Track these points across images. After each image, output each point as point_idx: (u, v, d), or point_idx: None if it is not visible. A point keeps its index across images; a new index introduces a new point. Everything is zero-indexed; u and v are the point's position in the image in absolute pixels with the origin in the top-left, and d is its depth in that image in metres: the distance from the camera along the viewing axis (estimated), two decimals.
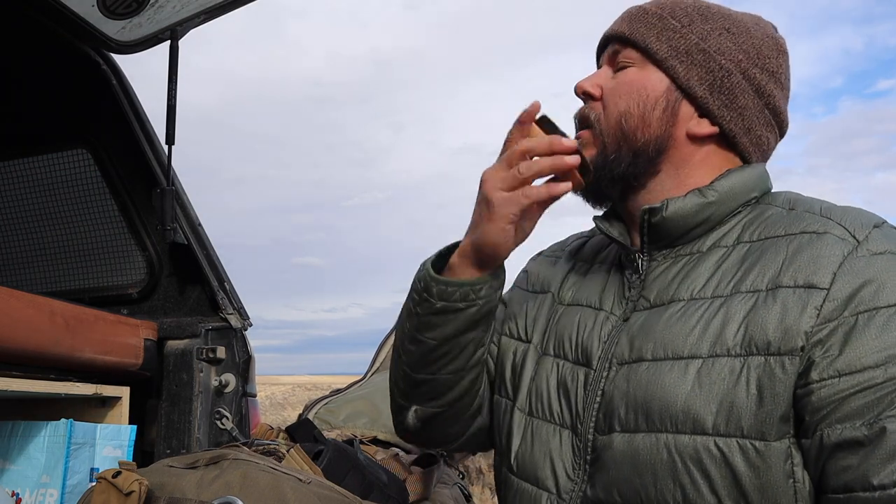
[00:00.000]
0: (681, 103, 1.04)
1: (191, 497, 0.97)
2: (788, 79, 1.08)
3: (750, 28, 1.06)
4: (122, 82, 2.16)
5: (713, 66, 1.03)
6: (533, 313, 1.17)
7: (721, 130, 1.04)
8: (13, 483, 1.56)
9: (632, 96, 1.04)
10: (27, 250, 2.30)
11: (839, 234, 0.91)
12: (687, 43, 1.04)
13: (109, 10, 1.98)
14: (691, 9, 1.07)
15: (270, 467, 1.02)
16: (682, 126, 1.04)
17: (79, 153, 2.21)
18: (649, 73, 1.05)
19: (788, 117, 1.09)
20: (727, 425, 0.87)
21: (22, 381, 1.53)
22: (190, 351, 1.95)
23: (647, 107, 1.04)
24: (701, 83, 1.03)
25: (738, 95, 1.03)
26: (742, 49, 1.04)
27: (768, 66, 1.05)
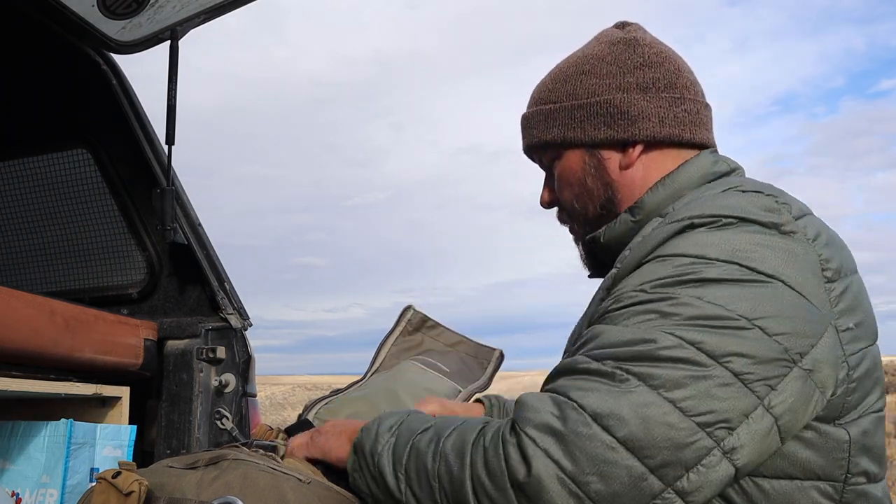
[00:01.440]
0: (600, 155, 1.15)
1: (190, 497, 0.97)
2: (657, 53, 1.15)
3: (598, 52, 1.16)
4: (122, 82, 2.16)
5: (595, 109, 1.13)
6: None
7: (643, 143, 1.12)
8: (13, 483, 1.56)
9: (569, 184, 1.18)
10: (27, 250, 2.30)
11: (662, 213, 1.06)
12: (565, 112, 1.15)
13: (109, 10, 1.98)
14: (550, 83, 1.19)
15: (270, 467, 1.02)
16: (613, 167, 1.15)
17: (79, 153, 2.21)
18: (566, 157, 1.18)
19: (687, 77, 1.14)
20: None
21: (22, 381, 1.53)
22: (190, 351, 1.95)
23: (581, 182, 1.17)
24: (598, 129, 1.13)
25: (630, 109, 1.12)
26: (603, 74, 1.14)
27: (632, 64, 1.13)
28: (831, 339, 0.89)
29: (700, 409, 0.82)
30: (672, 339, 0.85)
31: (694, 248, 0.91)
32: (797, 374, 0.86)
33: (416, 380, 1.71)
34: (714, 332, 0.84)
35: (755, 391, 0.84)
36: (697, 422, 0.82)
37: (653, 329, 0.87)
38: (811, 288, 0.89)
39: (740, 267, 0.88)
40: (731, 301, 0.86)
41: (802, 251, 0.91)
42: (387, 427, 1.00)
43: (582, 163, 1.16)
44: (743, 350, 0.84)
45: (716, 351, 0.84)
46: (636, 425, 0.81)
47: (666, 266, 0.91)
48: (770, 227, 0.92)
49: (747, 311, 0.85)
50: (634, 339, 0.87)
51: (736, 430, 0.83)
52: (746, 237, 0.90)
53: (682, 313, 0.86)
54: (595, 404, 0.83)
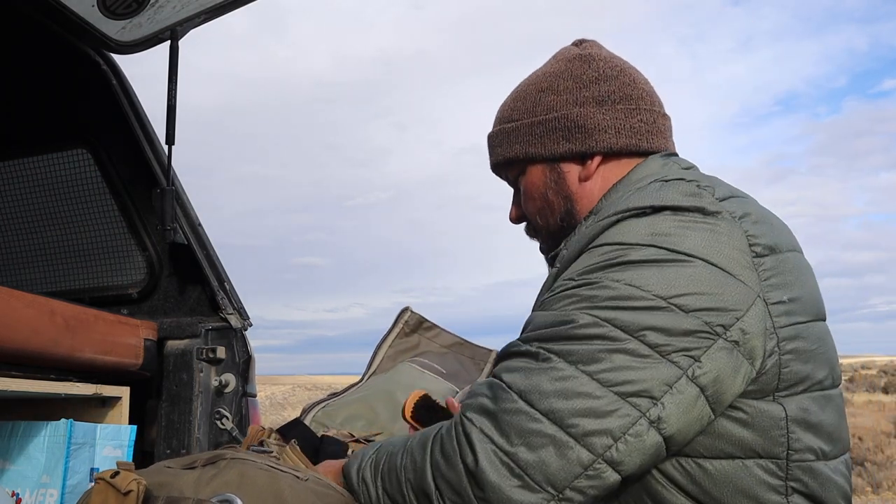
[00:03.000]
0: (560, 168, 1.19)
1: (189, 496, 0.97)
2: (612, 67, 1.18)
3: (554, 70, 1.20)
4: (122, 82, 2.16)
5: (553, 125, 1.17)
6: None
7: (601, 154, 1.16)
8: (13, 483, 1.56)
9: (533, 198, 1.23)
10: (27, 250, 2.30)
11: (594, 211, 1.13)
12: (526, 128, 1.19)
13: (109, 10, 1.98)
14: (511, 102, 1.24)
15: (268, 465, 1.02)
16: (573, 180, 1.19)
17: (79, 153, 2.21)
18: (529, 172, 1.22)
19: (642, 88, 1.18)
20: None
21: (22, 381, 1.53)
22: (190, 351, 1.95)
23: (543, 195, 1.21)
24: (556, 143, 1.17)
25: (586, 122, 1.15)
26: (560, 90, 1.17)
27: (588, 78, 1.17)
28: (759, 310, 0.93)
29: (617, 380, 0.88)
30: (588, 317, 0.91)
31: (617, 235, 0.97)
32: (721, 345, 0.90)
33: (412, 382, 1.71)
34: (627, 310, 0.90)
35: (675, 362, 0.89)
36: (616, 391, 0.88)
37: (572, 310, 0.93)
38: (736, 263, 0.93)
39: (659, 249, 0.93)
40: (648, 282, 0.91)
41: (727, 228, 0.95)
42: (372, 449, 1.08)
43: (544, 177, 1.20)
44: (657, 324, 0.89)
45: (629, 326, 0.90)
46: (556, 397, 0.88)
47: (593, 255, 0.98)
48: (692, 210, 0.96)
49: (662, 291, 0.90)
50: (556, 320, 0.94)
51: (660, 400, 0.88)
52: (668, 221, 0.95)
53: (600, 294, 0.92)
54: (520, 382, 0.92)
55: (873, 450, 11.56)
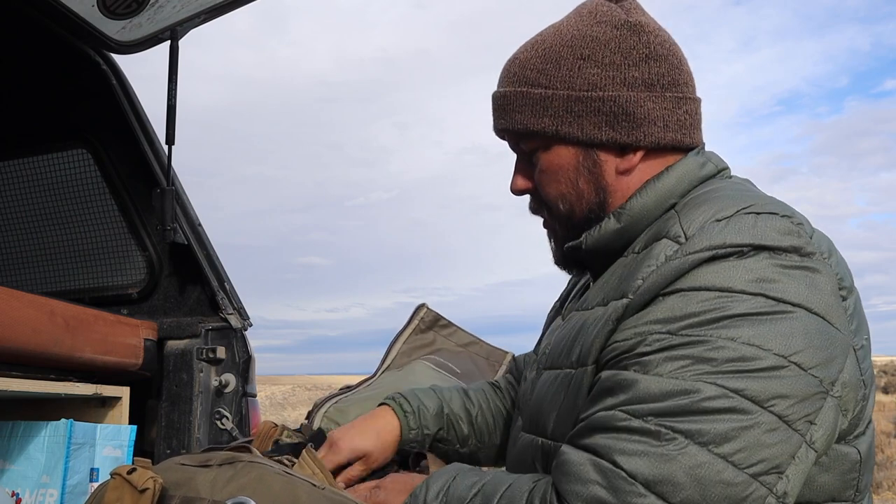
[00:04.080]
0: (597, 156, 1.03)
1: (205, 496, 0.97)
2: (662, 43, 1.03)
3: (597, 35, 1.01)
4: (122, 82, 2.16)
5: (597, 105, 1.00)
6: (547, 322, 1.28)
7: (645, 149, 1.02)
8: (13, 483, 1.56)
9: (556, 181, 1.06)
10: (27, 250, 2.30)
11: (673, 234, 0.92)
12: (561, 102, 1.01)
13: (109, 10, 1.98)
14: (538, 62, 1.03)
15: (285, 471, 1.02)
16: (610, 171, 1.03)
17: (79, 153, 2.21)
18: (555, 150, 1.04)
19: (687, 71, 1.05)
20: (558, 432, 0.97)
21: (22, 381, 1.53)
22: (190, 351, 1.95)
23: (571, 181, 1.04)
24: (598, 128, 1.01)
25: (635, 110, 1.00)
26: (606, 65, 1.00)
27: (638, 56, 1.01)
28: (852, 360, 0.88)
29: (752, 461, 0.79)
30: (714, 388, 0.80)
31: (717, 279, 0.85)
32: (830, 403, 0.85)
33: (426, 380, 1.70)
34: (754, 376, 0.81)
35: (798, 430, 0.82)
36: (750, 473, 0.79)
37: (691, 379, 0.82)
38: (833, 311, 0.87)
39: (766, 298, 0.84)
40: (765, 339, 0.82)
41: (823, 273, 0.88)
42: (434, 494, 0.96)
43: (575, 161, 1.04)
44: (784, 391, 0.81)
45: (759, 396, 0.80)
46: (692, 488, 0.78)
47: (690, 302, 0.85)
48: (790, 251, 0.87)
49: (781, 349, 0.82)
50: (674, 390, 0.81)
51: (785, 473, 0.81)
52: (769, 265, 0.86)
53: (719, 357, 0.82)
54: (645, 470, 0.79)
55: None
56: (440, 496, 0.96)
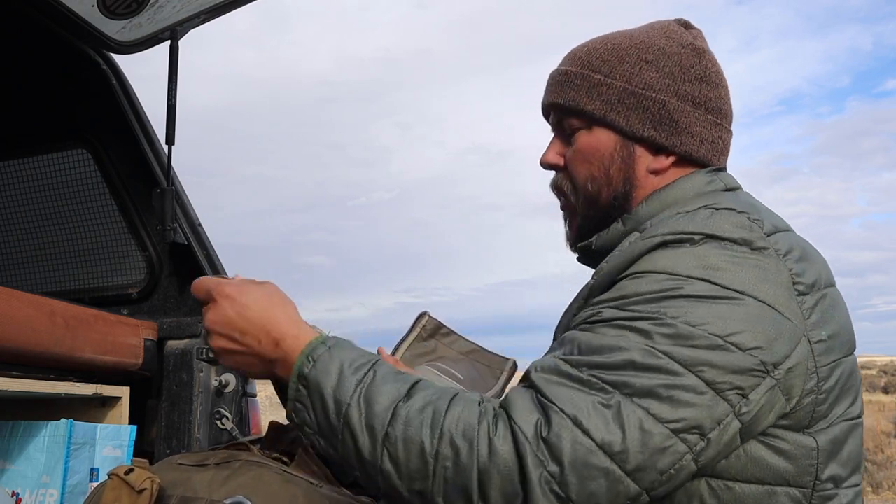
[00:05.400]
0: (633, 149, 1.12)
1: (202, 496, 0.97)
2: (717, 73, 1.14)
3: (663, 47, 1.12)
4: (122, 82, 2.16)
5: (647, 104, 1.10)
6: None
7: (677, 156, 1.11)
8: (13, 483, 1.56)
9: (589, 161, 1.13)
10: (27, 250, 2.30)
11: (640, 229, 1.05)
12: (616, 92, 1.10)
13: (109, 10, 1.98)
14: (605, 53, 1.13)
15: (283, 470, 1.02)
16: (642, 167, 1.12)
17: (79, 153, 2.21)
18: (596, 133, 1.13)
19: (730, 105, 1.15)
20: None
21: (22, 381, 1.53)
22: (190, 351, 1.95)
23: (604, 166, 1.12)
24: (643, 124, 1.10)
25: (680, 119, 1.10)
26: (665, 73, 1.10)
27: (694, 75, 1.11)
28: (804, 349, 0.93)
29: (673, 417, 0.86)
30: (646, 349, 0.88)
31: (668, 264, 0.94)
32: (769, 383, 0.90)
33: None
34: (686, 346, 0.88)
35: (728, 399, 0.88)
36: (671, 428, 0.85)
37: (631, 340, 0.89)
38: (783, 301, 0.93)
39: (711, 284, 0.91)
40: (703, 320, 0.89)
41: (773, 266, 0.94)
42: (352, 370, 0.92)
43: (612, 148, 1.12)
44: (715, 361, 0.87)
45: (687, 361, 0.87)
46: (614, 432, 0.85)
47: (641, 283, 0.94)
48: (741, 243, 0.94)
49: (718, 330, 0.89)
50: (607, 346, 0.90)
51: (707, 436, 0.87)
52: (718, 254, 0.93)
53: (655, 331, 0.89)
54: (574, 410, 0.86)
55: (873, 450, 11.55)
56: (363, 379, 0.92)
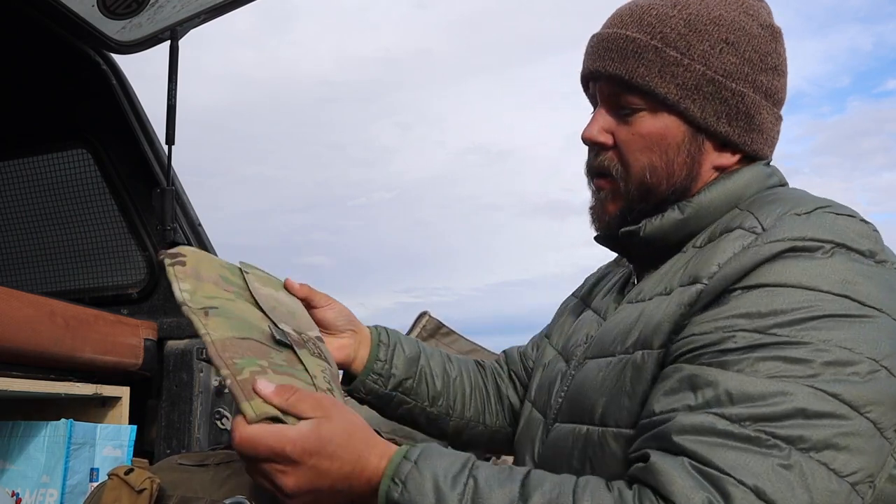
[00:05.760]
0: (701, 142, 0.99)
1: (202, 496, 0.97)
2: (785, 61, 1.03)
3: (744, 26, 0.98)
4: (122, 82, 2.16)
5: (726, 95, 0.97)
6: (563, 316, 1.24)
7: (742, 155, 1.00)
8: (13, 483, 1.56)
9: (651, 149, 0.99)
10: (27, 250, 2.30)
11: (748, 226, 0.90)
12: (694, 77, 0.96)
13: (109, 10, 1.98)
14: (681, 25, 0.97)
15: None
16: (708, 163, 1.00)
17: (79, 153, 2.21)
18: (662, 119, 0.98)
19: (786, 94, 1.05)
20: (609, 417, 0.92)
21: (22, 381, 1.53)
22: (190, 351, 1.95)
23: (669, 157, 0.99)
24: (718, 118, 0.98)
25: (755, 115, 0.99)
26: (745, 59, 0.98)
27: (770, 63, 1.00)
28: None
29: (851, 468, 0.76)
30: (812, 392, 0.77)
31: (803, 277, 0.82)
32: None
33: None
34: (850, 381, 0.78)
35: (888, 438, 0.79)
36: (850, 481, 0.76)
37: (788, 381, 0.77)
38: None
39: (851, 301, 0.81)
40: (856, 342, 0.79)
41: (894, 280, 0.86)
42: (449, 484, 0.79)
43: (681, 138, 0.98)
44: (878, 397, 0.78)
45: (856, 401, 0.77)
46: (801, 496, 0.73)
47: (776, 299, 0.82)
48: (868, 255, 0.85)
49: (873, 352, 0.79)
50: (769, 392, 0.77)
51: (874, 483, 0.79)
52: (851, 267, 0.83)
53: (815, 360, 0.78)
54: (753, 478, 0.73)
55: None
56: (464, 492, 0.79)
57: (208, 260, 1.02)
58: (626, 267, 1.17)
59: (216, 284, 0.97)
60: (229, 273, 1.03)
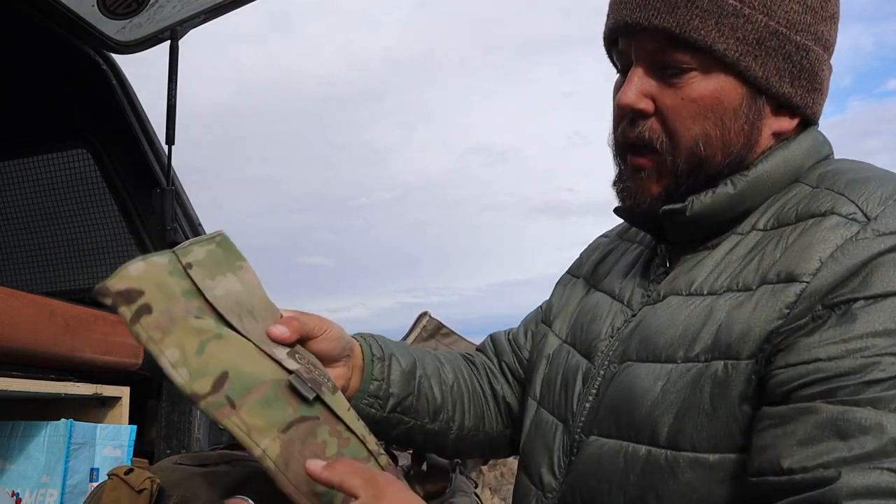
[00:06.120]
0: (760, 105, 0.85)
1: (202, 496, 0.97)
2: (839, 8, 0.90)
3: None
4: (122, 82, 2.16)
5: (790, 50, 0.83)
6: (564, 298, 1.08)
7: (803, 117, 0.87)
8: (13, 483, 1.56)
9: (706, 117, 0.83)
10: (27, 250, 2.30)
11: (846, 213, 0.76)
12: (756, 29, 0.81)
13: (109, 10, 1.98)
14: None
15: None
16: (767, 129, 0.86)
17: (79, 153, 2.21)
18: (717, 80, 0.83)
19: None
20: (682, 439, 0.77)
21: (22, 381, 1.53)
22: None
23: (725, 124, 0.84)
24: (781, 77, 0.84)
25: (818, 72, 0.86)
26: (807, 6, 0.84)
27: (829, 12, 0.86)
28: None
29: None
30: None
31: None
32: None
33: None
34: None
35: None
36: None
37: None
38: None
39: None
40: None
41: None
42: None
43: (738, 102, 0.83)
44: None
45: None
46: None
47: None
48: None
49: None
50: None
51: None
52: None
53: None
54: None
55: None
56: None
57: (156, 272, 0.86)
58: (639, 243, 1.02)
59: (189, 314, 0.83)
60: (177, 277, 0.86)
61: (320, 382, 0.84)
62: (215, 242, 0.90)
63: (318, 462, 0.74)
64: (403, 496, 0.74)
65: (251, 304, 0.87)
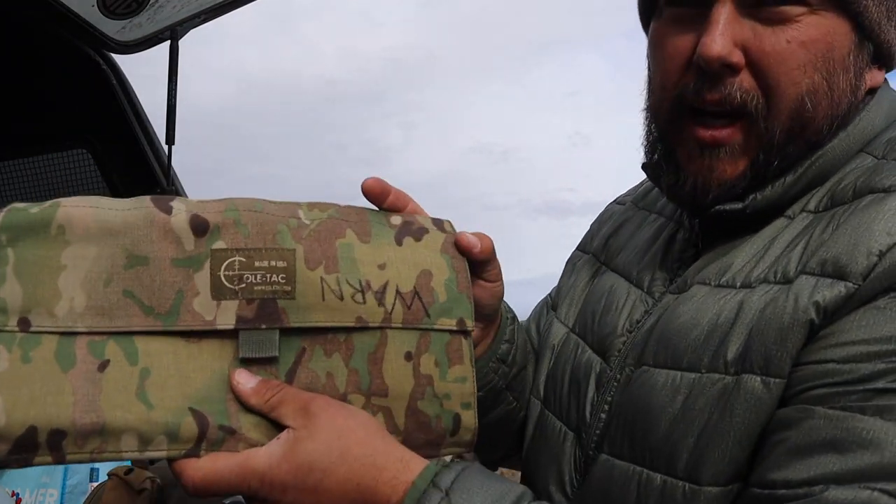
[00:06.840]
0: (866, 52, 0.70)
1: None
2: None
3: None
4: (122, 82, 2.16)
5: None
6: (572, 279, 0.92)
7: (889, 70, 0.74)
8: (13, 483, 1.56)
9: (816, 66, 0.66)
10: None
11: None
12: None
13: (109, 10, 1.98)
14: None
15: None
16: (866, 80, 0.71)
17: (79, 153, 2.21)
18: (828, 21, 0.66)
19: None
20: (703, 470, 0.63)
21: None
22: None
23: (831, 73, 0.67)
24: (890, 19, 0.69)
25: None
26: None
27: None
28: None
29: None
30: None
31: None
32: None
33: None
34: None
35: None
36: None
37: None
38: None
39: None
40: None
41: None
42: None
43: (848, 48, 0.67)
44: None
45: None
46: None
47: None
48: None
49: None
50: None
51: None
52: None
53: None
54: None
55: None
56: None
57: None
58: (659, 213, 0.86)
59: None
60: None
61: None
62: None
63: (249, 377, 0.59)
64: (341, 421, 0.58)
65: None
